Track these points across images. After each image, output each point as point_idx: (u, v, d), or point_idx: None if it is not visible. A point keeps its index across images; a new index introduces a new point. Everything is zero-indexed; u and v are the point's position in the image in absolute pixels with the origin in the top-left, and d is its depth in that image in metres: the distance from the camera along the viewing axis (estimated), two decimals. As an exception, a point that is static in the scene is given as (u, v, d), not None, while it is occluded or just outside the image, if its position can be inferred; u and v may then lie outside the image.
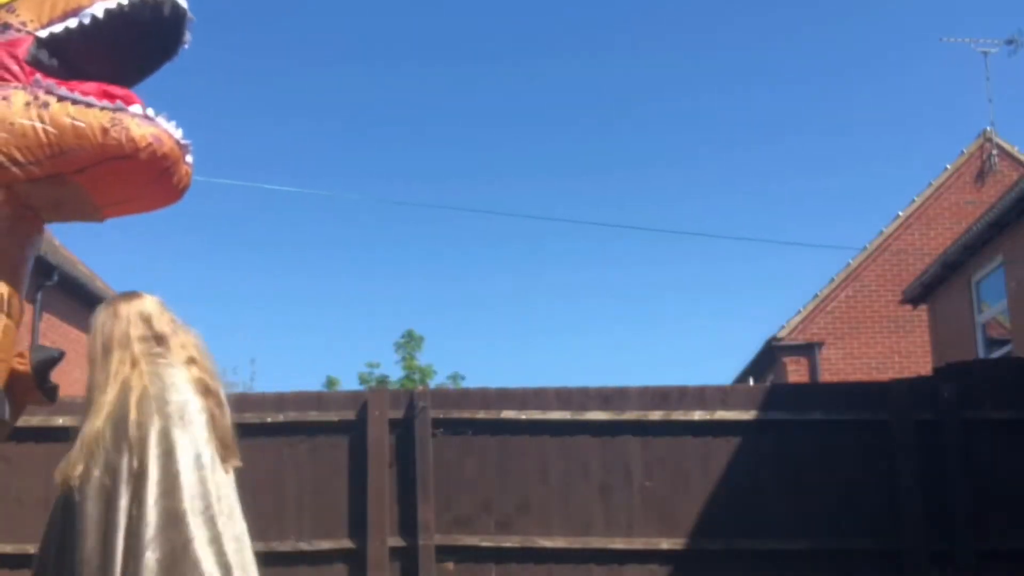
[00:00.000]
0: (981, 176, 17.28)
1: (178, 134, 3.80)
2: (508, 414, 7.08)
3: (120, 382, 3.02)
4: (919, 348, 16.32)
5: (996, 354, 12.04)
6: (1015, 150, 17.38)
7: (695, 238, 46.96)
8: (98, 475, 2.83)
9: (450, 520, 7.00)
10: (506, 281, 41.54)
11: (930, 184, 17.55)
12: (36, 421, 6.90)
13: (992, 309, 12.28)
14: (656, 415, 7.09)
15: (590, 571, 6.95)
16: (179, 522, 2.78)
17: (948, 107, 33.16)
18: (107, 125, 3.67)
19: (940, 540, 6.81)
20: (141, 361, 3.09)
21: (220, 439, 3.02)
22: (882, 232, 17.59)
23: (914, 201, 17.60)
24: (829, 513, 6.91)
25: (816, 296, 17.48)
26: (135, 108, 3.74)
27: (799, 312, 17.49)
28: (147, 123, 3.72)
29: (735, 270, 40.73)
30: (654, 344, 40.38)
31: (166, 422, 2.93)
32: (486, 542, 6.96)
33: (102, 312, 3.26)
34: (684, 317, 40.54)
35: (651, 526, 6.99)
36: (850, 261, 17.56)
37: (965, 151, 17.50)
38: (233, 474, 3.02)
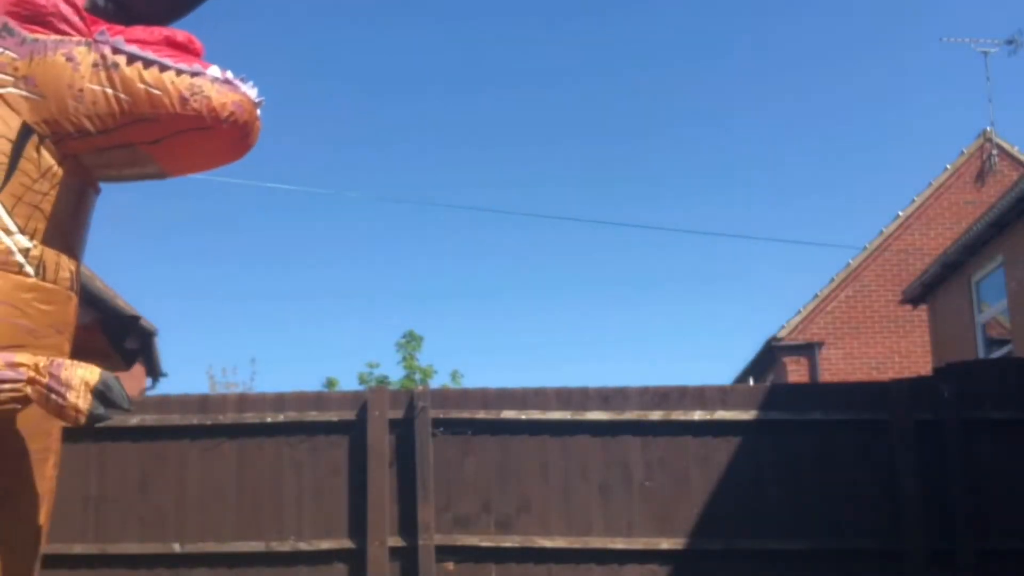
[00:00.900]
0: (981, 176, 17.28)
1: (254, 94, 3.43)
2: (508, 414, 7.08)
3: None
4: (919, 348, 16.33)
5: (996, 354, 12.04)
6: (1015, 150, 17.39)
7: (695, 237, 46.98)
8: None
9: (450, 520, 7.00)
10: (506, 281, 41.56)
11: (930, 184, 17.56)
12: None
13: (992, 309, 12.28)
14: (656, 415, 7.09)
15: (590, 571, 6.95)
16: None
17: (948, 107, 33.18)
18: (186, 94, 3.30)
19: (940, 540, 6.81)
20: None
21: None
22: (882, 232, 17.59)
23: (914, 201, 17.60)
24: (829, 513, 6.91)
25: (816, 296, 17.49)
26: (213, 71, 3.36)
27: (799, 312, 17.50)
28: (228, 89, 3.36)
29: (735, 270, 40.73)
30: (654, 344, 40.40)
31: None
32: (486, 542, 6.96)
33: None
34: (684, 317, 40.57)
35: (651, 526, 6.99)
36: (850, 261, 17.57)
37: (965, 151, 17.51)
38: None
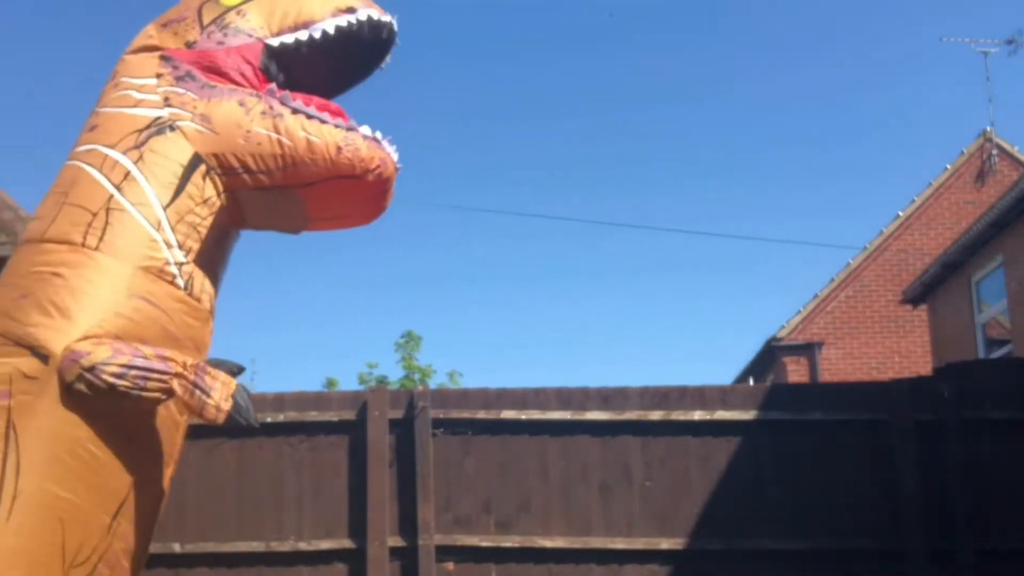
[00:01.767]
0: (981, 176, 17.28)
1: (396, 157, 3.86)
2: (508, 414, 7.08)
3: None
4: (919, 348, 16.33)
5: (996, 354, 12.04)
6: (1015, 150, 17.39)
7: (695, 237, 46.94)
8: None
9: (450, 520, 7.00)
10: (506, 281, 41.55)
11: (930, 184, 17.55)
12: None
13: (992, 309, 12.28)
14: (656, 415, 7.09)
15: (590, 571, 6.95)
16: None
17: (948, 107, 33.19)
18: (340, 143, 3.73)
19: (940, 540, 6.81)
20: None
21: None
22: (882, 232, 17.59)
23: (914, 201, 17.60)
24: (829, 513, 6.91)
25: (816, 296, 17.48)
26: (364, 129, 3.80)
27: (799, 312, 17.49)
28: (375, 145, 3.80)
29: (735, 270, 40.72)
30: (654, 344, 40.38)
31: None
32: (486, 542, 6.95)
33: None
34: (684, 317, 40.54)
35: (651, 526, 6.98)
36: (850, 261, 17.56)
37: (965, 151, 17.50)
38: None
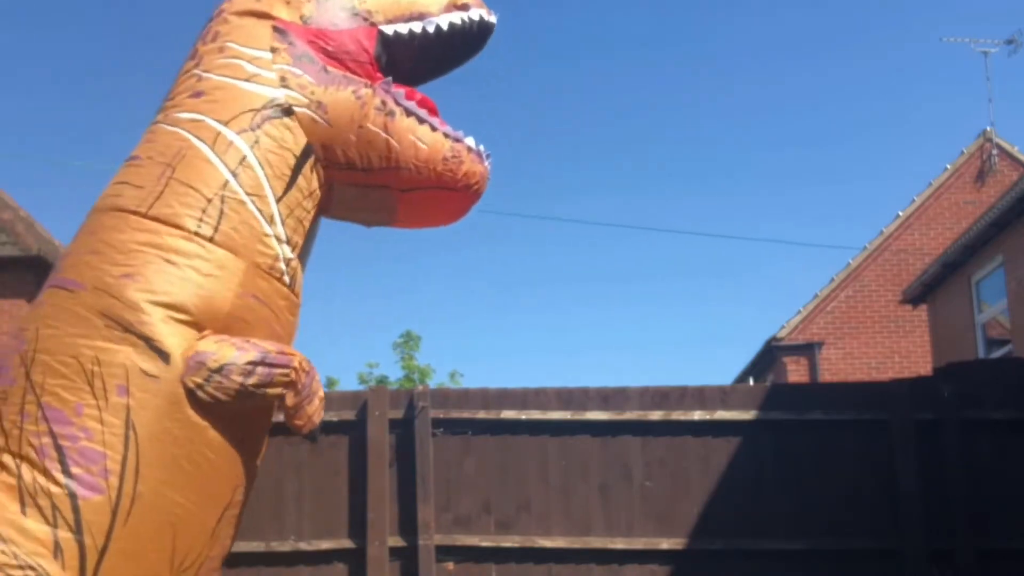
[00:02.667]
0: (981, 176, 17.28)
1: (489, 171, 3.83)
2: (508, 414, 7.08)
3: None
4: (919, 348, 16.34)
5: (996, 354, 12.04)
6: (1015, 150, 17.39)
7: (695, 237, 46.94)
8: None
9: (450, 520, 7.00)
10: (506, 281, 41.54)
11: (930, 184, 17.56)
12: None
13: (992, 309, 12.28)
14: (656, 415, 7.08)
15: (590, 571, 6.94)
16: None
17: (948, 107, 33.20)
18: (448, 155, 3.66)
19: (940, 540, 6.81)
20: None
21: None
22: (882, 232, 17.59)
23: (914, 201, 17.60)
24: (829, 513, 6.91)
25: (816, 296, 17.48)
26: (469, 140, 3.74)
27: (799, 312, 17.49)
28: (477, 160, 3.75)
29: (735, 270, 40.72)
30: (654, 344, 40.38)
31: None
32: (486, 542, 6.95)
33: None
34: (684, 317, 40.54)
35: (651, 526, 6.98)
36: (850, 261, 17.57)
37: (965, 151, 17.51)
38: None
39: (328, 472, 7.06)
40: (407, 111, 3.64)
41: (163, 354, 3.16)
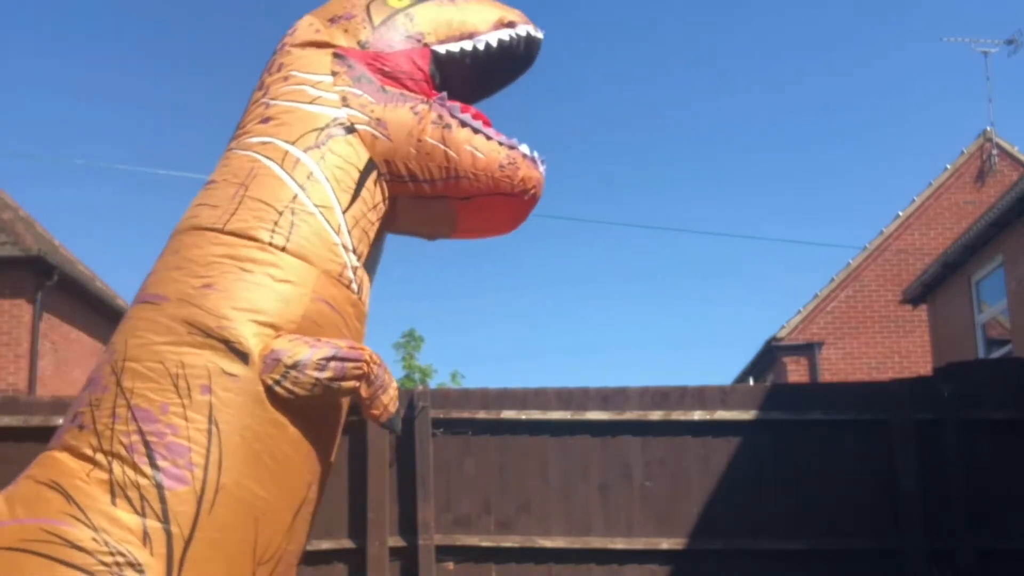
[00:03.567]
0: (981, 176, 17.28)
1: (544, 176, 3.95)
2: (508, 414, 7.08)
3: None
4: (919, 348, 16.34)
5: (996, 354, 12.04)
6: (1015, 150, 17.39)
7: (695, 237, 46.96)
8: None
9: (450, 520, 7.01)
10: (506, 281, 41.54)
11: (930, 184, 17.55)
12: (36, 421, 6.91)
13: (992, 309, 12.28)
14: (656, 415, 7.09)
15: (590, 571, 6.95)
16: None
17: (948, 107, 33.20)
18: (504, 162, 3.81)
19: (940, 540, 6.81)
20: None
21: None
22: (882, 232, 17.59)
23: (914, 201, 17.60)
24: (829, 513, 6.91)
25: (816, 296, 17.48)
26: (524, 147, 3.88)
27: (799, 312, 17.49)
28: (533, 165, 3.87)
29: (735, 270, 40.74)
30: (654, 344, 40.38)
31: None
32: (486, 542, 6.96)
33: None
34: (684, 317, 40.56)
35: (651, 526, 6.99)
36: (850, 261, 17.57)
37: (965, 151, 17.51)
38: None
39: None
40: (462, 123, 3.82)
41: (242, 354, 3.33)
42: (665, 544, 6.92)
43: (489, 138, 3.84)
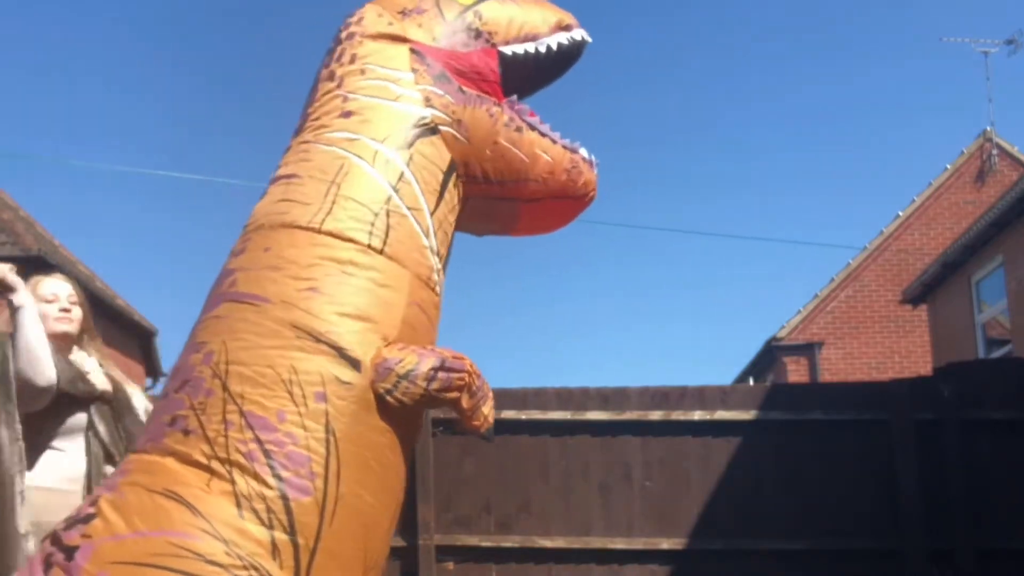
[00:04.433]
0: (981, 176, 17.30)
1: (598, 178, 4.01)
2: (508, 414, 7.08)
3: None
4: (919, 348, 16.35)
5: (996, 354, 12.05)
6: (1015, 150, 17.40)
7: (695, 237, 46.95)
8: None
9: (450, 520, 7.01)
10: (506, 281, 41.56)
11: (930, 184, 17.57)
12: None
13: (992, 309, 12.28)
14: (656, 415, 7.09)
15: (590, 571, 6.95)
16: None
17: (948, 107, 33.18)
18: (568, 166, 3.86)
19: (939, 540, 6.81)
20: None
21: None
22: (882, 232, 17.60)
23: (914, 201, 17.61)
24: (829, 513, 6.91)
25: (816, 296, 17.49)
26: (583, 151, 3.92)
27: (799, 312, 17.50)
28: (591, 170, 3.93)
29: (735, 270, 40.72)
30: (654, 344, 40.39)
31: None
32: (486, 542, 6.96)
33: None
34: (684, 317, 40.56)
35: (651, 526, 6.99)
36: (850, 261, 17.58)
37: (965, 151, 17.52)
38: None
39: (328, 472, 7.06)
40: (530, 126, 3.84)
41: (354, 362, 3.26)
42: (665, 544, 6.92)
43: (555, 142, 3.86)
